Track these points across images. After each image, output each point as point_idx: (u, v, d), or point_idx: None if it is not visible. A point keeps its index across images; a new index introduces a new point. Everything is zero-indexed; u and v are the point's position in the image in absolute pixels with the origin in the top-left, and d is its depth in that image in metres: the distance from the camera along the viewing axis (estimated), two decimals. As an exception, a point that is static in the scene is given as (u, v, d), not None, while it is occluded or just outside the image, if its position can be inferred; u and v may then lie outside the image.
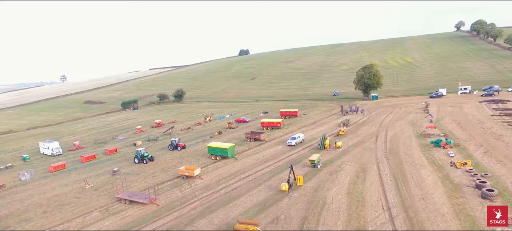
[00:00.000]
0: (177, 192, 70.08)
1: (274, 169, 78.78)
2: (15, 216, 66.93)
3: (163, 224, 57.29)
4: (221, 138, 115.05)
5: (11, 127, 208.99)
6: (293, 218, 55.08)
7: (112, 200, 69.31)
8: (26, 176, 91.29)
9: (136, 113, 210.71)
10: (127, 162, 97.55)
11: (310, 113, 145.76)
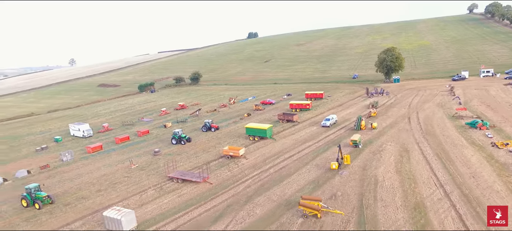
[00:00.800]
0: (226, 171, 72.20)
1: (315, 149, 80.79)
2: (71, 194, 70.38)
3: (222, 201, 59.50)
4: (251, 120, 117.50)
5: (31, 110, 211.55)
6: (350, 194, 57.20)
7: (163, 179, 71.66)
8: (67, 157, 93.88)
9: (155, 95, 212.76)
10: (164, 143, 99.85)
11: (334, 95, 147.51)
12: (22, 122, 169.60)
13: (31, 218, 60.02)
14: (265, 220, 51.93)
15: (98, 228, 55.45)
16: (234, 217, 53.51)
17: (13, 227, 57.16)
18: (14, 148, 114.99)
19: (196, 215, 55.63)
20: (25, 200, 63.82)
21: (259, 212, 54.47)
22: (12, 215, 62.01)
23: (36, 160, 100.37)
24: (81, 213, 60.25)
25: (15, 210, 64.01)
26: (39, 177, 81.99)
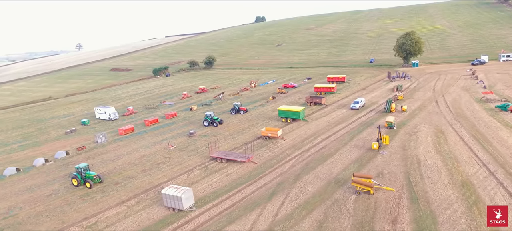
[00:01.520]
0: (267, 152, 74.56)
1: (350, 131, 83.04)
2: (117, 174, 73.30)
3: (271, 179, 61.95)
4: (277, 103, 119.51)
5: (46, 94, 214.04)
6: (396, 173, 59.56)
7: (205, 159, 74.17)
8: (101, 139, 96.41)
9: (171, 79, 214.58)
10: (194, 125, 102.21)
11: (355, 79, 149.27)
12: (42, 106, 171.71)
13: (85, 196, 62.35)
14: (318, 196, 54.21)
15: (153, 205, 58.47)
16: (287, 194, 55.70)
17: (70, 204, 59.61)
18: (43, 131, 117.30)
19: (249, 193, 57.70)
20: (76, 179, 66.26)
21: (311, 189, 56.70)
22: (65, 193, 64.48)
23: (68, 142, 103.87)
24: (133, 191, 62.45)
25: (67, 188, 66.45)
26: (79, 158, 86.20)
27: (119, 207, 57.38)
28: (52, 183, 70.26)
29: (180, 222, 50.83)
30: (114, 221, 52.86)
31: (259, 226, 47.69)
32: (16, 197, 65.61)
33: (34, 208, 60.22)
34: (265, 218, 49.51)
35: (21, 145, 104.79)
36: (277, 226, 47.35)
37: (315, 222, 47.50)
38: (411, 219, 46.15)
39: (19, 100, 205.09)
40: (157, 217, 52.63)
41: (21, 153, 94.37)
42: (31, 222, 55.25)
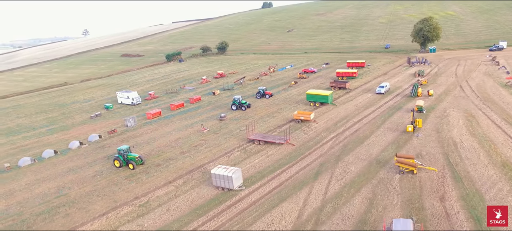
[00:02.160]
0: (302, 134, 76.82)
1: (380, 114, 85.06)
2: (156, 156, 75.62)
3: (313, 160, 64.36)
4: (300, 87, 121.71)
5: (60, 80, 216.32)
6: (435, 154, 61.85)
7: (242, 141, 76.45)
8: (131, 122, 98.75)
9: (185, 65, 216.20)
10: (221, 109, 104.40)
11: (373, 65, 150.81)
12: (60, 91, 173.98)
13: (130, 177, 64.88)
14: (363, 175, 56.63)
15: (201, 185, 60.95)
16: (332, 173, 58.08)
17: (117, 185, 62.17)
18: (67, 115, 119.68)
19: (293, 173, 60.10)
20: (118, 161, 68.63)
21: (354, 169, 59.02)
22: (109, 174, 67.04)
23: (96, 125, 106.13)
24: (177, 172, 64.97)
25: (109, 170, 68.91)
26: (112, 141, 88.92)
27: (166, 187, 59.49)
28: (93, 164, 72.28)
29: (232, 200, 52.88)
30: (165, 200, 55.07)
31: (311, 203, 50.00)
32: (61, 177, 67.75)
33: (82, 188, 62.34)
34: (315, 196, 51.66)
35: (49, 129, 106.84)
36: (329, 203, 49.56)
37: (365, 200, 49.58)
38: (458, 197, 48.31)
39: (34, 85, 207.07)
40: (208, 196, 54.82)
41: (52, 137, 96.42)
42: (84, 200, 57.34)
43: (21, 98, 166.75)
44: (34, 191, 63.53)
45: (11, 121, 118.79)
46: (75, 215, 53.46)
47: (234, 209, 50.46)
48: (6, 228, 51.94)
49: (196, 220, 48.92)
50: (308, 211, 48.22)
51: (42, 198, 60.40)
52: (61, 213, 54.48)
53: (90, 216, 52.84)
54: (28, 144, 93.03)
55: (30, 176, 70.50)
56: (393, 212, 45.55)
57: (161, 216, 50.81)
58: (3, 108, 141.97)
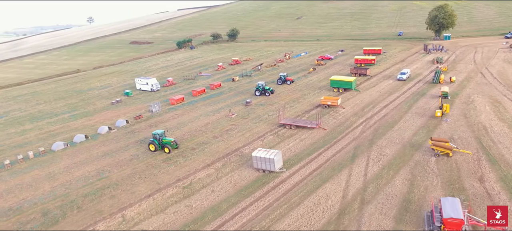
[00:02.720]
0: (331, 119, 79.03)
1: (405, 100, 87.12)
2: (188, 140, 77.76)
3: (347, 143, 66.77)
4: (319, 74, 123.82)
5: (72, 67, 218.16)
6: (467, 138, 64.00)
7: (273, 125, 78.70)
8: (156, 108, 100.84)
9: (197, 52, 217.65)
10: (244, 95, 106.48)
11: (389, 52, 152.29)
12: (74, 78, 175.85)
13: (167, 160, 67.19)
14: (399, 158, 59.02)
15: (241, 168, 63.07)
16: (368, 156, 60.33)
17: (156, 168, 64.43)
18: (87, 102, 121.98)
19: (330, 155, 62.40)
20: (153, 144, 70.80)
21: (389, 152, 61.20)
22: (146, 158, 69.35)
23: (119, 111, 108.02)
24: (213, 156, 67.17)
25: (145, 154, 71.24)
26: (140, 126, 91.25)
27: (206, 169, 61.74)
28: (127, 149, 74.57)
29: (275, 182, 55.20)
30: (208, 182, 57.45)
31: (353, 184, 52.52)
32: (98, 161, 70.05)
33: (122, 171, 64.70)
34: (356, 177, 54.00)
35: (71, 115, 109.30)
36: (371, 184, 51.92)
37: (406, 181, 51.88)
38: (497, 178, 50.54)
39: (46, 73, 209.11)
40: (250, 178, 57.13)
41: (77, 122, 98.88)
42: (126, 183, 59.78)
43: (37, 85, 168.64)
44: (74, 174, 65.49)
45: (32, 108, 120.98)
46: (121, 196, 55.45)
47: (279, 190, 52.50)
48: (57, 208, 53.91)
49: (243, 200, 50.84)
50: (352, 191, 50.20)
51: (84, 181, 62.14)
52: (107, 195, 56.42)
53: (136, 197, 54.84)
54: (55, 129, 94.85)
55: (66, 160, 72.27)
56: (435, 192, 47.65)
57: (207, 197, 52.73)
58: (22, 95, 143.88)
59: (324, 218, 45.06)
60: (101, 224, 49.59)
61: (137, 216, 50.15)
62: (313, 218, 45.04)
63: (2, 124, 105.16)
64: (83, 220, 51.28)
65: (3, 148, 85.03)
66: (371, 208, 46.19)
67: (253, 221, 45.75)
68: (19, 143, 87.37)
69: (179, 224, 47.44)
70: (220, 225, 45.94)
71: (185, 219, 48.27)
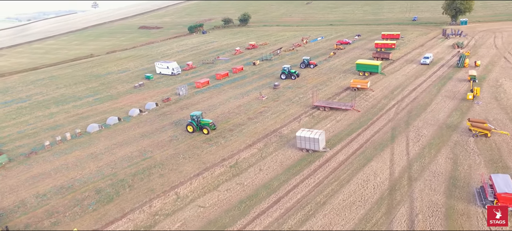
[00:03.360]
0: (363, 101, 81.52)
1: (433, 84, 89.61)
2: (224, 122, 79.92)
3: (383, 125, 69.21)
4: (340, 58, 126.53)
5: (84, 52, 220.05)
6: (502, 120, 66.52)
7: (305, 107, 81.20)
8: (183, 91, 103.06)
9: (210, 36, 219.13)
10: (269, 78, 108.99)
11: (407, 37, 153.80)
12: (89, 63, 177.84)
13: (207, 141, 69.90)
14: (437, 138, 61.81)
15: (283, 147, 66.08)
16: (407, 136, 62.99)
17: (198, 148, 67.10)
18: (108, 86, 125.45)
19: (368, 136, 65.11)
20: (191, 126, 73.32)
21: (426, 132, 63.81)
22: (185, 139, 71.93)
23: (144, 95, 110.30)
24: (253, 136, 69.83)
25: (183, 135, 73.93)
26: (171, 108, 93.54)
27: (249, 149, 64.41)
28: (163, 130, 77.22)
29: (321, 161, 57.95)
30: (254, 161, 60.15)
31: (397, 162, 55.75)
32: (137, 142, 72.65)
33: (164, 151, 67.30)
34: (399, 156, 56.74)
35: (95, 98, 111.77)
36: (415, 163, 54.65)
37: (448, 159, 54.57)
38: (538, 157, 52.67)
39: (58, 57, 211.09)
40: (295, 157, 59.85)
41: (103, 106, 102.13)
42: (172, 162, 62.46)
43: (53, 70, 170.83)
44: (117, 154, 68.19)
45: (53, 91, 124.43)
46: (170, 176, 58.20)
47: (326, 168, 55.26)
48: (108, 186, 56.80)
49: (293, 178, 53.59)
50: (397, 169, 52.97)
51: (129, 161, 64.74)
52: (155, 174, 59.16)
53: (185, 176, 57.60)
54: (83, 112, 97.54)
55: (104, 141, 75.29)
56: (480, 170, 50.29)
57: (256, 175, 55.46)
58: (39, 79, 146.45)
59: (376, 194, 47.48)
60: (156, 201, 52.01)
61: (190, 193, 52.53)
62: (366, 194, 47.53)
63: (27, 107, 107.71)
64: (137, 197, 53.72)
65: (36, 130, 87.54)
66: (420, 184, 48.58)
67: (307, 197, 48.30)
68: (50, 125, 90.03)
69: (235, 200, 49.73)
70: (275, 201, 48.33)
71: (240, 196, 50.46)
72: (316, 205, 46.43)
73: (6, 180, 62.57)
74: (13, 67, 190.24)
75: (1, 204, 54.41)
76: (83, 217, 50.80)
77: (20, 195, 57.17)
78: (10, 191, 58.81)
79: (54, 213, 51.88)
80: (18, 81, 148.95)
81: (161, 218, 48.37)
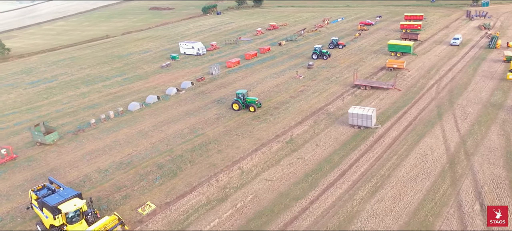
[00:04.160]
0: (401, 81, 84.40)
1: (467, 64, 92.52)
2: (267, 100, 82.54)
3: (427, 103, 72.44)
4: (365, 39, 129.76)
5: (97, 33, 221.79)
6: (546, 98, 68.54)
7: (346, 86, 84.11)
8: (216, 70, 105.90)
9: (226, 17, 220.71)
10: (299, 58, 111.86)
11: (428, 18, 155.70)
12: (107, 44, 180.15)
13: (255, 118, 73.02)
14: (484, 116, 65.09)
15: (334, 124, 69.11)
16: (453, 114, 66.11)
17: (248, 125, 70.07)
18: (133, 66, 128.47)
19: (415, 114, 68.26)
20: (237, 104, 76.26)
21: (472, 110, 66.90)
22: (232, 116, 74.96)
23: (174, 75, 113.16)
24: (300, 114, 72.82)
25: (229, 113, 76.86)
26: (207, 87, 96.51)
27: (300, 126, 67.59)
28: (206, 108, 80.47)
29: (375, 136, 61.14)
30: (308, 137, 63.26)
31: (450, 138, 59.24)
32: (184, 120, 75.70)
33: (214, 129, 70.33)
34: (450, 132, 59.94)
35: (124, 78, 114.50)
36: (468, 139, 57.95)
37: (501, 136, 57.70)
38: None
39: (72, 39, 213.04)
40: (349, 133, 63.05)
41: (135, 85, 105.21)
42: (226, 139, 65.35)
43: (71, 51, 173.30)
44: (166, 132, 71.29)
45: (78, 72, 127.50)
46: (228, 151, 61.37)
47: (382, 144, 58.52)
48: (169, 162, 59.84)
49: (352, 152, 56.92)
50: (452, 145, 56.33)
51: (181, 138, 67.88)
52: (212, 150, 62.24)
53: (243, 152, 60.79)
54: (116, 91, 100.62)
55: (149, 119, 78.52)
56: (533, 146, 52.92)
57: (314, 150, 58.67)
58: (60, 60, 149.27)
59: (437, 167, 50.84)
60: (222, 176, 55.23)
61: (254, 168, 55.69)
62: (427, 167, 50.91)
63: (56, 87, 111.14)
64: (201, 172, 56.80)
65: (73, 109, 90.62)
66: (478, 159, 51.84)
67: (371, 170, 51.61)
68: (87, 104, 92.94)
69: (300, 174, 53.05)
70: (340, 175, 51.67)
71: (303, 170, 53.84)
72: (381, 178, 49.27)
73: (63, 156, 65.37)
74: (29, 48, 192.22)
75: (67, 179, 57.17)
76: (152, 190, 53.31)
77: (82, 170, 59.95)
78: (70, 166, 61.68)
79: (122, 187, 54.56)
80: (39, 61, 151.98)
81: (231, 191, 50.98)
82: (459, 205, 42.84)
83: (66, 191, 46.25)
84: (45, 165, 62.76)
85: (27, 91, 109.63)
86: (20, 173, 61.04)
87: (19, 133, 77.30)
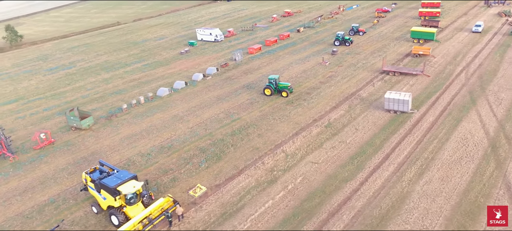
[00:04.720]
0: (428, 67, 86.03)
1: (492, 51, 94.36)
2: (298, 86, 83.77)
3: (458, 89, 74.65)
4: (384, 26, 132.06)
5: (107, 20, 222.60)
6: None
7: (374, 72, 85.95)
8: (239, 56, 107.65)
9: (238, 4, 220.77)
10: (320, 44, 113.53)
11: (446, 6, 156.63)
12: (120, 30, 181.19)
13: (289, 103, 74.87)
14: None
15: (369, 109, 70.79)
16: (486, 99, 68.37)
17: (282, 110, 72.10)
18: (150, 53, 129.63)
19: (449, 99, 70.39)
20: (269, 89, 78.23)
21: (505, 96, 68.85)
22: (265, 102, 76.73)
23: (194, 61, 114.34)
24: (333, 99, 74.91)
25: (261, 98, 78.67)
26: (233, 73, 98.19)
27: (336, 111, 69.71)
28: (237, 93, 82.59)
29: (412, 121, 63.26)
30: (345, 122, 65.39)
31: (487, 122, 61.42)
32: (217, 105, 77.76)
33: (250, 113, 72.31)
34: (487, 117, 62.09)
35: (144, 64, 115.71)
36: (506, 123, 60.11)
37: (538, 121, 59.14)
38: None
39: (82, 26, 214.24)
40: (386, 118, 65.07)
41: (157, 71, 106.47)
42: (263, 124, 67.31)
43: (84, 37, 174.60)
44: (201, 116, 73.12)
45: (96, 58, 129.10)
46: (269, 135, 63.39)
47: (420, 128, 60.73)
48: (211, 146, 61.92)
49: (392, 136, 59.12)
50: (491, 129, 58.46)
51: (218, 122, 69.92)
52: (253, 134, 64.17)
53: (284, 136, 62.75)
54: (139, 77, 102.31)
55: (181, 104, 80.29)
56: None
57: (354, 134, 60.78)
58: (75, 47, 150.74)
59: (479, 150, 53.15)
60: (267, 159, 57.07)
61: (297, 151, 57.83)
62: (469, 150, 53.27)
63: (76, 73, 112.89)
64: (245, 155, 58.67)
65: (100, 94, 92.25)
66: (519, 143, 53.53)
67: (414, 153, 53.99)
68: (113, 90, 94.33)
69: (345, 157, 55.27)
70: (385, 157, 53.94)
71: (347, 153, 56.06)
72: (426, 160, 51.55)
73: (101, 141, 67.13)
74: (39, 36, 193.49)
75: (111, 162, 58.20)
76: (199, 173, 55.25)
77: (124, 154, 61.76)
78: (110, 150, 63.50)
79: (168, 170, 56.41)
80: (54, 48, 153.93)
81: (280, 174, 53.14)
82: (508, 187, 44.53)
83: (121, 173, 47.49)
84: (85, 149, 64.69)
85: (47, 78, 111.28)
86: (61, 157, 62.94)
87: (51, 118, 79.23)
